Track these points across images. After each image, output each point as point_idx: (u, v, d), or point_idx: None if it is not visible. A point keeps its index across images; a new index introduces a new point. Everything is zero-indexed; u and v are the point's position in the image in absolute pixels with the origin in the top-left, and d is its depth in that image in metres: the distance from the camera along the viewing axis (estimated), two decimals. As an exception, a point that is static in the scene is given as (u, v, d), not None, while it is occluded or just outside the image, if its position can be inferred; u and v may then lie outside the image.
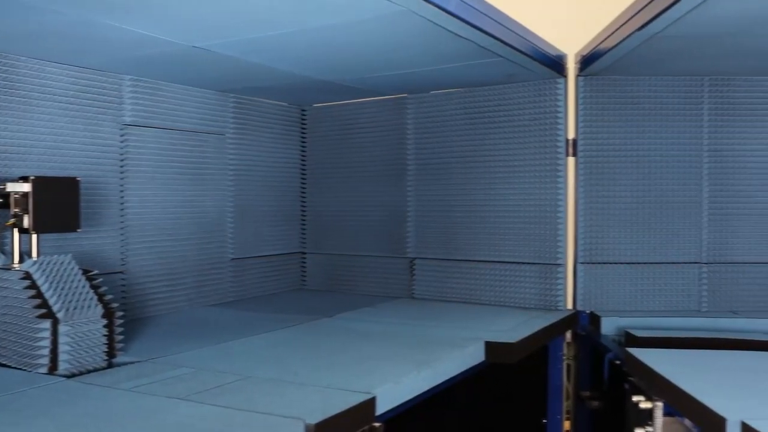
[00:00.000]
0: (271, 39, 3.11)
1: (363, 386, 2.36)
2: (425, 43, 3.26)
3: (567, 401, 4.28)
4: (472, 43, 3.20)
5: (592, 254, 4.12)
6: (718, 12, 2.83)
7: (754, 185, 4.09)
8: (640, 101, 4.10)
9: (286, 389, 2.35)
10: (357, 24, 2.89)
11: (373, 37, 3.15)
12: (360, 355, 2.91)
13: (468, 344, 3.10)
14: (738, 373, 2.68)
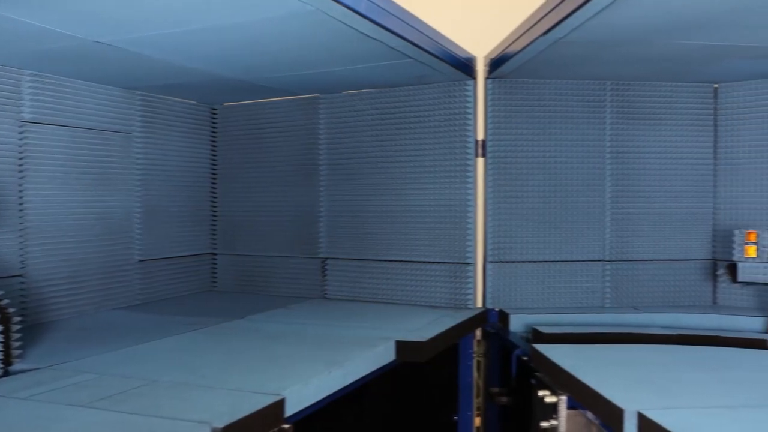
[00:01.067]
0: (177, 36, 3.04)
1: (272, 388, 2.34)
2: (336, 43, 3.25)
3: (477, 398, 4.36)
4: (382, 44, 3.22)
5: (501, 253, 4.21)
6: (618, 20, 2.94)
7: (653, 186, 4.27)
8: (547, 104, 4.21)
9: (193, 393, 2.31)
10: (266, 22, 2.86)
11: (283, 37, 3.13)
12: (270, 357, 2.88)
13: (379, 343, 3.11)
14: (637, 365, 2.79)
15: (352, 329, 3.51)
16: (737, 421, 2.06)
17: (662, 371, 2.71)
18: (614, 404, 2.21)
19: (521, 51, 3.52)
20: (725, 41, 3.31)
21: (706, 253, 4.31)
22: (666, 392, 2.39)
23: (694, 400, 2.30)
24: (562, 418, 2.75)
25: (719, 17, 2.95)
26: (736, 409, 2.19)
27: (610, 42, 3.33)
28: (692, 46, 3.41)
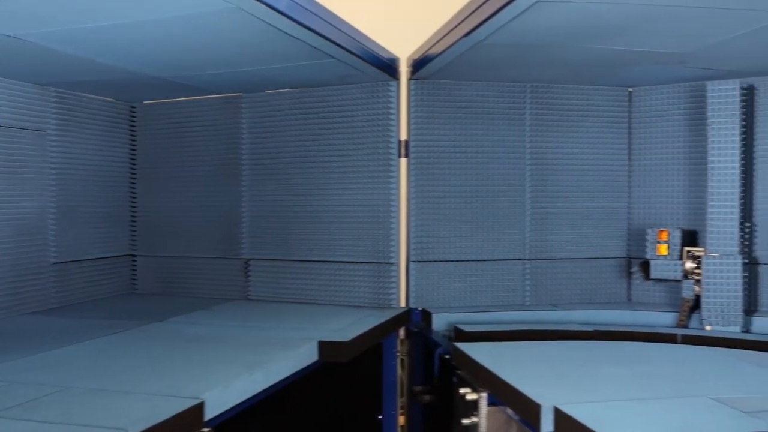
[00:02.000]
0: (92, 31, 2.95)
1: (191, 391, 2.30)
2: (258, 42, 3.22)
3: (402, 397, 4.39)
4: (304, 43, 3.21)
5: (424, 253, 4.25)
6: (536, 24, 3.01)
7: (571, 186, 4.39)
8: (469, 105, 4.27)
9: (109, 399, 2.25)
10: (184, 19, 2.81)
11: (202, 34, 3.08)
12: (190, 360, 2.83)
13: (301, 344, 3.10)
14: (555, 361, 2.86)
15: (274, 330, 3.48)
16: (648, 413, 2.13)
17: (578, 366, 2.78)
18: (532, 400, 2.25)
19: (443, 53, 3.56)
20: (638, 47, 3.43)
21: (621, 252, 4.45)
22: (581, 387, 2.45)
23: (607, 393, 2.36)
24: (483, 414, 2.79)
25: (633, 24, 3.05)
26: (647, 401, 2.26)
27: (529, 45, 3.40)
28: (608, 51, 3.52)
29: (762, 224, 4.03)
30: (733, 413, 2.13)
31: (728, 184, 3.87)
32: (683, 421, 2.05)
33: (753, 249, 4.04)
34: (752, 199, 4.03)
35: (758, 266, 4.04)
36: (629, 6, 2.80)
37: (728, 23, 3.01)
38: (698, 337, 3.70)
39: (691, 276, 3.96)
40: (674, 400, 2.28)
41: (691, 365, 2.86)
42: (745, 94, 3.94)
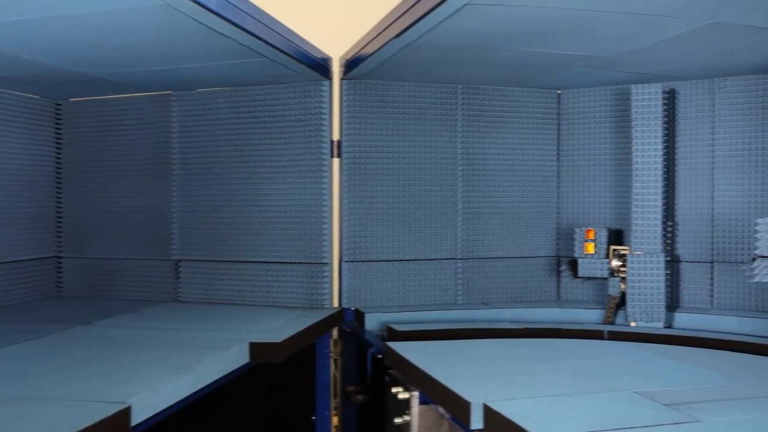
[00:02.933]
0: (14, 25, 2.86)
1: (117, 396, 2.24)
2: (187, 40, 3.17)
3: (335, 397, 4.38)
4: (235, 42, 3.17)
5: (357, 253, 4.25)
6: (467, 26, 3.04)
7: (502, 186, 4.46)
8: (401, 105, 4.29)
9: (28, 406, 2.17)
10: (110, 15, 2.75)
11: (129, 31, 3.02)
12: (117, 364, 2.77)
13: (232, 346, 3.06)
14: (485, 359, 2.89)
15: (205, 332, 3.43)
16: (573, 407, 2.18)
17: (508, 364, 2.82)
18: (461, 397, 2.28)
19: (375, 53, 3.57)
20: (566, 50, 3.51)
21: (550, 250, 4.55)
22: (510, 384, 2.49)
23: (535, 389, 2.41)
24: (415, 413, 2.81)
25: (561, 28, 3.12)
26: (573, 396, 2.31)
27: (460, 46, 3.44)
28: (537, 54, 3.59)
29: (683, 223, 4.17)
30: (654, 405, 2.19)
31: (651, 185, 3.99)
32: (606, 414, 2.11)
33: (675, 247, 4.18)
34: (674, 200, 4.18)
35: (680, 264, 4.18)
36: (557, 10, 2.87)
37: (651, 29, 3.11)
38: (623, 333, 3.82)
39: (617, 274, 4.07)
40: (599, 395, 2.34)
41: (616, 360, 2.94)
42: (667, 98, 4.07)
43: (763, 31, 3.09)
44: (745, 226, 3.98)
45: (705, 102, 4.12)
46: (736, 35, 3.18)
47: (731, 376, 2.66)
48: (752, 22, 2.98)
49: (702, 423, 2.04)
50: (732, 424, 2.05)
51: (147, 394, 2.33)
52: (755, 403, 2.29)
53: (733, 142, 4.05)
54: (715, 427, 2.01)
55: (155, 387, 2.40)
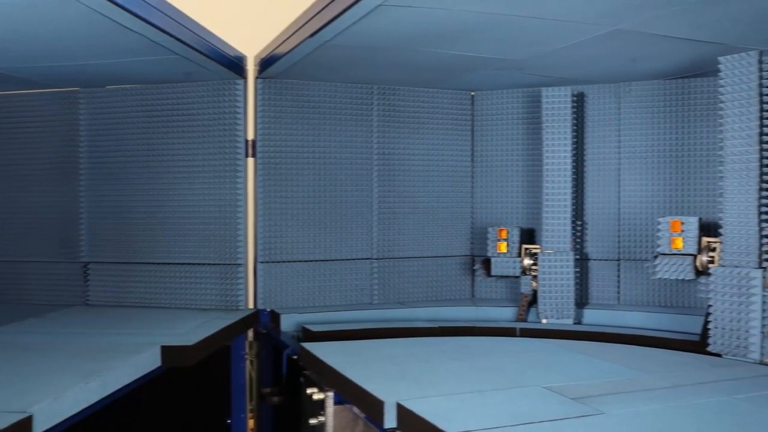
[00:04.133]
0: None
1: (18, 405, 2.15)
2: (92, 34, 3.07)
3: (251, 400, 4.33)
4: (144, 37, 3.09)
5: (272, 253, 4.21)
6: (380, 27, 3.06)
7: (417, 186, 4.51)
8: (317, 105, 4.28)
9: None
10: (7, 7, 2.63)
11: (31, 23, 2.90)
12: (19, 371, 2.66)
13: (143, 350, 2.98)
14: (400, 359, 2.91)
15: (114, 336, 3.33)
16: (484, 404, 2.22)
17: (422, 362, 2.84)
18: (375, 397, 2.29)
19: (289, 52, 3.55)
20: (478, 53, 3.57)
21: (465, 250, 4.62)
22: (424, 382, 2.51)
23: (448, 387, 2.44)
24: (329, 414, 2.81)
25: (472, 31, 3.17)
26: (485, 393, 2.35)
27: (375, 47, 3.45)
28: (450, 56, 3.64)
29: (592, 222, 4.31)
30: (562, 400, 2.26)
31: (561, 186, 4.10)
32: (516, 409, 2.15)
33: (584, 246, 4.31)
34: (583, 200, 4.31)
35: (588, 262, 4.32)
36: (469, 13, 2.91)
37: (558, 34, 3.20)
38: (535, 329, 3.91)
39: (528, 272, 4.17)
40: (509, 391, 2.39)
41: (527, 357, 3.01)
42: (576, 101, 4.19)
43: (662, 39, 3.23)
44: (648, 225, 4.14)
45: (611, 105, 4.27)
46: (638, 42, 3.30)
47: (636, 369, 2.76)
48: (652, 30, 3.11)
49: (606, 415, 2.11)
50: (635, 415, 2.13)
51: (51, 402, 2.24)
52: (657, 394, 2.38)
53: (638, 144, 4.21)
54: (619, 419, 2.09)
55: (60, 394, 2.31)
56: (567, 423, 2.03)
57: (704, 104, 4.02)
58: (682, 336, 3.63)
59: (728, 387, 2.51)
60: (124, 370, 2.78)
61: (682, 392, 2.42)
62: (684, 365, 2.91)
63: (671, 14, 2.87)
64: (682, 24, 3.03)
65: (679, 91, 4.11)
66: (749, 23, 3.00)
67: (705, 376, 2.68)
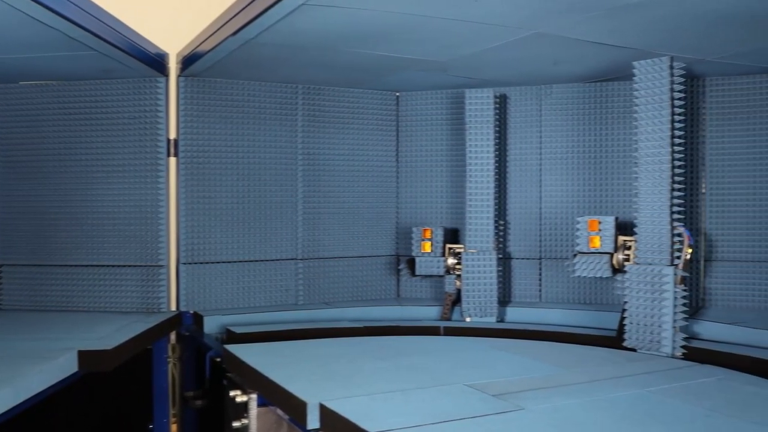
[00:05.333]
0: None
1: None
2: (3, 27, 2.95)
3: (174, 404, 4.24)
4: (59, 32, 3.00)
5: (195, 254, 4.14)
6: (304, 26, 3.05)
7: (342, 186, 4.51)
8: (241, 104, 4.23)
9: None
10: None
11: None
12: (-77, 379, 2.54)
13: (58, 355, 2.89)
14: (324, 359, 2.91)
15: (28, 342, 3.21)
16: (407, 403, 2.24)
17: (347, 363, 2.85)
18: (297, 398, 2.27)
19: (212, 50, 3.50)
20: (403, 54, 3.59)
21: (390, 250, 4.64)
22: (348, 382, 2.52)
23: (372, 387, 2.44)
24: (253, 416, 2.78)
25: (396, 32, 3.19)
26: (408, 392, 2.37)
27: (299, 46, 3.43)
28: (375, 56, 3.65)
29: (514, 222, 4.40)
30: (483, 397, 2.30)
31: (484, 186, 4.16)
32: (438, 407, 2.18)
33: (506, 245, 4.39)
34: (506, 200, 4.39)
35: (511, 261, 4.40)
36: (392, 14, 2.93)
37: (481, 36, 3.25)
38: (459, 328, 3.97)
39: (452, 271, 4.22)
40: (432, 389, 2.41)
41: (451, 355, 3.05)
42: (499, 102, 4.26)
43: (581, 43, 3.32)
44: (568, 224, 4.24)
45: (533, 107, 4.36)
46: (559, 46, 3.39)
47: (555, 365, 2.83)
48: (572, 34, 3.19)
49: (526, 411, 2.16)
50: (553, 410, 2.19)
51: (-43, 411, 2.15)
52: (575, 389, 2.44)
53: (558, 146, 4.32)
54: (537, 414, 2.13)
55: (-33, 403, 2.22)
56: (487, 419, 2.07)
57: (621, 107, 4.15)
58: (600, 332, 3.73)
59: (642, 380, 2.60)
60: (38, 377, 2.68)
61: (599, 386, 2.50)
62: (601, 360, 3.00)
63: (589, 19, 2.95)
64: (599, 29, 3.12)
65: (597, 94, 4.23)
66: (662, 30, 3.11)
67: (621, 371, 2.76)
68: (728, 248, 4.03)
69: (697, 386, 2.54)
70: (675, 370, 2.81)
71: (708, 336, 3.47)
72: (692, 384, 2.56)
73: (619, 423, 2.09)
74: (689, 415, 2.17)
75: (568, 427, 2.04)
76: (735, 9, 2.82)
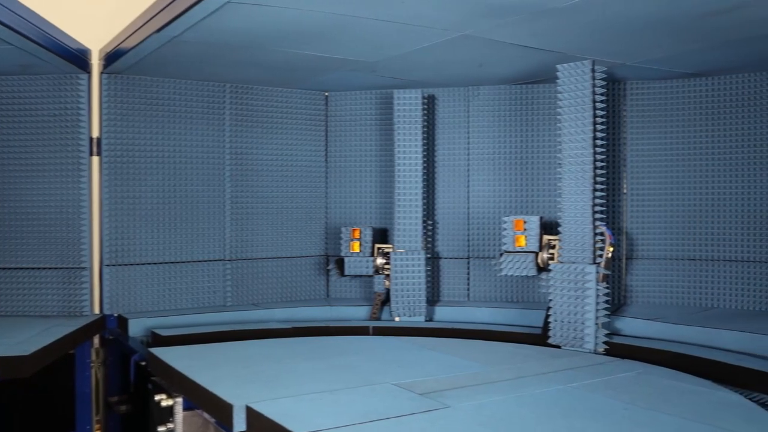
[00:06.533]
0: None
1: None
2: None
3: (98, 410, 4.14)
4: (-27, 26, 2.89)
5: (119, 256, 4.04)
6: (231, 24, 3.01)
7: (271, 186, 4.48)
8: (167, 103, 4.15)
9: None
10: None
11: None
12: None
13: (-29, 362, 2.79)
14: (252, 360, 2.88)
15: (-60, 348, 3.09)
16: (335, 403, 2.23)
17: (275, 364, 2.82)
18: (223, 400, 2.25)
19: (136, 47, 3.43)
20: (332, 54, 3.59)
21: (319, 250, 4.64)
22: (276, 383, 2.50)
23: (300, 387, 2.43)
24: (179, 420, 2.73)
25: (325, 32, 3.18)
26: (337, 392, 2.36)
27: (226, 45, 3.39)
28: (304, 56, 3.64)
29: (442, 222, 4.45)
30: (410, 396, 2.31)
31: (412, 186, 4.19)
32: (366, 407, 2.18)
33: (435, 245, 4.43)
34: (434, 200, 4.43)
35: (439, 260, 4.45)
36: (319, 14, 2.92)
37: (408, 37, 3.27)
38: (388, 327, 3.98)
39: (382, 271, 4.23)
40: (360, 389, 2.42)
41: (379, 355, 3.06)
42: (427, 103, 4.30)
43: (506, 45, 3.38)
44: (495, 224, 4.31)
45: (461, 108, 4.42)
46: (484, 48, 3.44)
47: (482, 363, 2.87)
48: (497, 37, 3.24)
49: (451, 408, 2.18)
50: (478, 407, 2.21)
51: None
52: (500, 386, 2.48)
53: (485, 146, 4.39)
54: (463, 412, 2.16)
55: None
56: (414, 418, 2.08)
57: (546, 109, 4.24)
58: (527, 330, 3.81)
59: (565, 376, 2.66)
60: (-50, 384, 2.58)
61: (524, 383, 2.54)
62: (526, 357, 3.05)
63: (514, 23, 3.01)
64: (523, 32, 3.18)
65: (523, 96, 4.32)
66: (584, 34, 3.20)
67: (545, 367, 2.82)
68: (648, 247, 4.16)
69: (617, 381, 2.61)
70: (597, 365, 2.88)
71: (629, 332, 3.58)
72: (613, 379, 2.64)
73: (543, 418, 2.13)
74: (609, 408, 2.24)
75: (492, 424, 2.07)
76: (654, 16, 2.91)
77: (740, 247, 3.98)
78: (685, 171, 4.10)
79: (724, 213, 4.02)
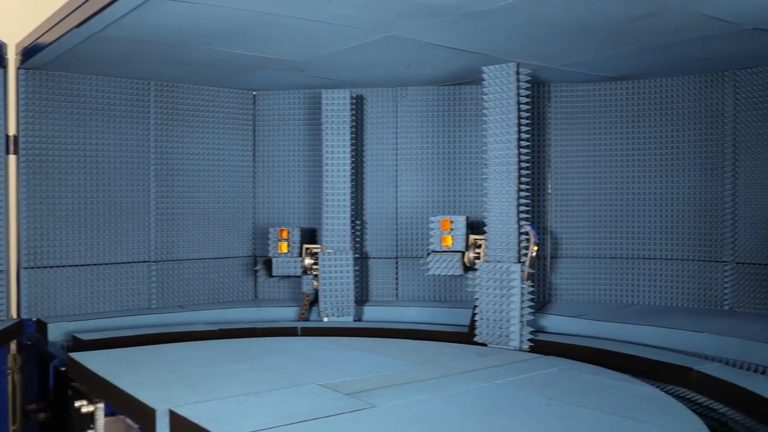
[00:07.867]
0: None
1: None
2: None
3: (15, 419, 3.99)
4: None
5: (38, 258, 3.91)
6: (154, 21, 2.95)
7: (197, 187, 4.41)
8: (89, 100, 4.04)
9: None
10: None
11: None
12: None
13: None
14: (176, 363, 2.83)
15: None
16: (261, 404, 2.22)
17: (200, 366, 2.78)
18: (146, 405, 2.21)
19: (55, 42, 3.33)
20: (259, 53, 3.56)
21: (247, 250, 4.59)
22: (201, 386, 2.46)
23: (226, 390, 2.40)
24: (100, 426, 2.67)
25: (252, 30, 3.15)
26: (262, 394, 2.35)
27: (150, 41, 3.32)
28: (231, 54, 3.59)
29: (371, 222, 4.45)
30: (337, 396, 2.31)
31: (341, 186, 4.19)
32: (292, 408, 2.17)
33: (363, 245, 4.43)
34: (362, 200, 4.44)
35: (368, 260, 4.46)
36: (247, 12, 2.89)
37: (335, 37, 3.27)
38: (317, 328, 3.98)
39: (310, 272, 4.22)
40: (287, 390, 2.41)
41: (307, 355, 3.05)
42: (355, 103, 4.30)
43: (433, 47, 3.41)
44: (423, 224, 4.34)
45: (389, 108, 4.44)
46: (412, 49, 3.46)
47: (409, 362, 2.89)
48: (423, 38, 3.27)
49: (378, 408, 2.19)
50: (404, 405, 2.23)
51: None
52: (427, 385, 2.51)
53: (413, 147, 4.42)
54: (389, 411, 2.17)
55: None
56: (340, 418, 2.08)
57: (473, 110, 4.30)
58: (454, 328, 3.85)
59: (490, 374, 2.71)
60: None
61: (450, 381, 2.57)
62: (453, 356, 3.09)
63: (441, 25, 3.04)
64: (449, 34, 3.22)
65: (451, 97, 4.36)
66: (509, 37, 3.25)
67: (471, 365, 2.86)
68: (572, 245, 4.27)
69: (540, 377, 2.67)
70: (521, 362, 2.94)
71: (553, 329, 3.66)
72: (536, 375, 2.69)
73: (467, 415, 2.16)
74: (532, 404, 2.28)
75: (418, 422, 2.09)
76: (577, 21, 2.99)
77: (658, 245, 4.12)
78: (606, 172, 4.22)
79: (644, 213, 4.15)
